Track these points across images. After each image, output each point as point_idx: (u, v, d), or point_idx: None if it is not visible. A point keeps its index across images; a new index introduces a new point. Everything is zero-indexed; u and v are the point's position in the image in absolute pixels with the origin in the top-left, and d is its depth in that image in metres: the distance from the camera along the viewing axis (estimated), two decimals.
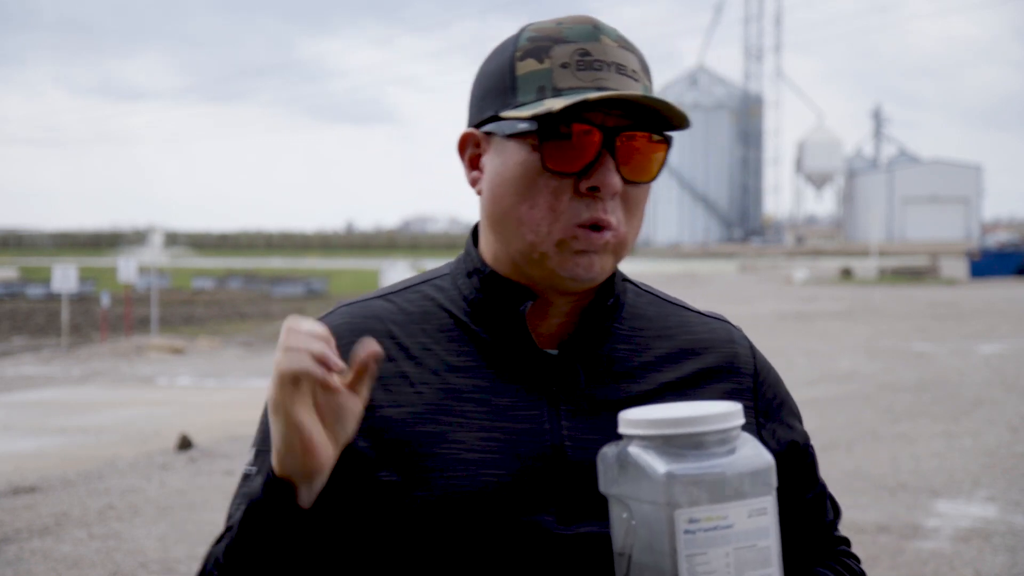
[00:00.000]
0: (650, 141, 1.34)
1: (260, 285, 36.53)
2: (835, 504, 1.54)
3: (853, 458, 8.85)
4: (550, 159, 1.31)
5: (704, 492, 1.16)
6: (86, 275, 33.93)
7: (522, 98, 1.33)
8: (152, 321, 20.88)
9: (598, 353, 1.41)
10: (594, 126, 1.31)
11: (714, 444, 1.18)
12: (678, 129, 1.35)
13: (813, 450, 1.50)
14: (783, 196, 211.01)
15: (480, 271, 1.41)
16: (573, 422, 1.37)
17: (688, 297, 1.65)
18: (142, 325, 21.86)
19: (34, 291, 31.88)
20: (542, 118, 1.30)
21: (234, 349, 18.37)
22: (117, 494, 7.89)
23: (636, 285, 1.50)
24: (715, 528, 1.16)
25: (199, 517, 7.25)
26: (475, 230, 1.46)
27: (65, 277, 19.06)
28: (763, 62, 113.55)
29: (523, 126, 1.32)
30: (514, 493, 1.33)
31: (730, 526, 1.16)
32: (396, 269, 25.81)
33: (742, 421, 1.21)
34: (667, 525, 1.16)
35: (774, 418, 1.46)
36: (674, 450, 1.18)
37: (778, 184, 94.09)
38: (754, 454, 1.19)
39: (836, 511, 1.54)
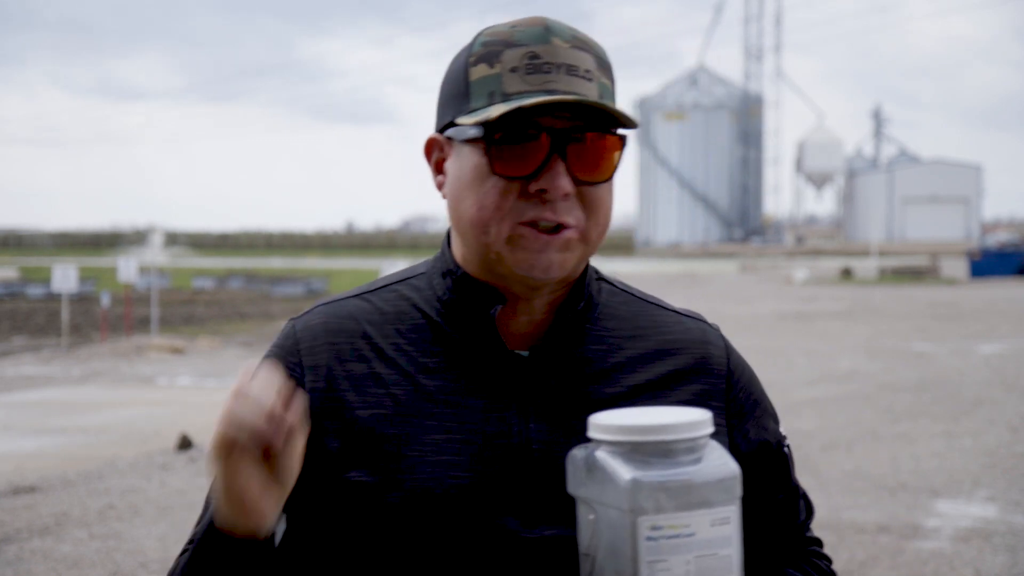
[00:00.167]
0: (602, 141, 1.34)
1: (260, 285, 36.47)
2: (809, 505, 1.54)
3: (853, 458, 8.85)
4: (498, 164, 1.32)
5: (669, 499, 1.16)
6: (86, 275, 33.87)
7: (474, 103, 1.34)
8: (152, 321, 20.86)
9: (570, 354, 1.41)
10: (543, 129, 1.31)
11: (681, 452, 1.19)
12: (629, 128, 1.34)
13: (789, 451, 1.50)
14: (783, 196, 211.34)
15: (453, 272, 1.42)
16: (542, 425, 1.37)
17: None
18: (142, 325, 21.84)
19: (34, 291, 31.83)
20: (486, 124, 1.31)
21: (234, 349, 18.36)
22: (117, 494, 7.89)
23: (612, 284, 1.50)
24: (677, 536, 1.17)
25: None
26: (449, 231, 1.47)
27: (65, 277, 19.03)
28: (763, 62, 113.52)
29: (472, 132, 1.33)
30: (478, 496, 1.34)
31: (692, 534, 1.17)
32: (396, 269, 25.73)
33: (711, 429, 1.22)
34: (630, 531, 1.16)
35: (746, 418, 1.46)
36: (641, 457, 1.18)
37: (778, 184, 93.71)
38: (720, 463, 1.20)
39: (809, 512, 1.54)
